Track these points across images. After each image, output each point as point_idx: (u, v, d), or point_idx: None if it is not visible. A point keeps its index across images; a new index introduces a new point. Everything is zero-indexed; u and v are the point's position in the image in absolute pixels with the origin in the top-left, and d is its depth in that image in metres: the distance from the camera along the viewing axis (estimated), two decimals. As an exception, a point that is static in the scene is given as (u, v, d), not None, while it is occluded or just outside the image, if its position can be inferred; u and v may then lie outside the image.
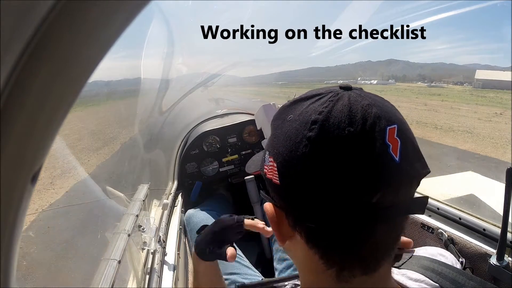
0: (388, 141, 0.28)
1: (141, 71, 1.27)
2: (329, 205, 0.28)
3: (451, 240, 0.84)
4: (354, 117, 0.28)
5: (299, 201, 0.30)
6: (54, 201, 2.57)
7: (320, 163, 0.28)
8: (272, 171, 0.33)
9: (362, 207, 0.28)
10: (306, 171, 0.29)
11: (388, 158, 0.28)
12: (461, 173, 4.43)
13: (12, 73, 0.15)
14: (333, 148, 0.28)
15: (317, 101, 0.31)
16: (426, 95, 19.43)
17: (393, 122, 0.29)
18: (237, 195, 1.65)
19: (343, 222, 0.29)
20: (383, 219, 0.29)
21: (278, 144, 0.32)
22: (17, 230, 0.18)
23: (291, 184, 0.30)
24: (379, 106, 0.30)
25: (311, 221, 0.30)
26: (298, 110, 0.32)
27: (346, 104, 0.29)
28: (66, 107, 0.18)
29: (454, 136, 8.79)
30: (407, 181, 0.30)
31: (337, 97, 0.31)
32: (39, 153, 0.18)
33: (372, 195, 0.28)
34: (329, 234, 0.30)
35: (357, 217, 0.28)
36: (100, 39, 0.17)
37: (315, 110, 0.30)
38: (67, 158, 1.22)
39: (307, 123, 0.30)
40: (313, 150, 0.29)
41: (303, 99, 0.33)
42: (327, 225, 0.30)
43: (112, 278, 0.55)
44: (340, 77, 24.13)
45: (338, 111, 0.29)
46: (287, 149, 0.30)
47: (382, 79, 31.75)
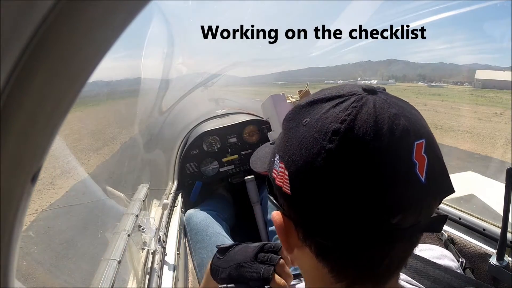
0: (415, 159, 0.26)
1: (141, 71, 1.27)
2: (345, 223, 0.26)
3: (451, 240, 0.84)
4: (380, 129, 0.25)
5: (312, 215, 0.28)
6: (54, 201, 2.57)
7: (338, 179, 0.26)
8: (282, 179, 0.30)
9: (381, 228, 0.26)
10: (322, 186, 0.26)
11: (413, 178, 0.25)
12: (461, 173, 4.43)
13: (12, 73, 0.15)
14: (355, 163, 0.25)
15: (338, 105, 0.28)
16: (426, 95, 19.41)
17: (421, 136, 0.27)
18: (237, 195, 1.65)
19: (359, 241, 0.27)
20: (402, 238, 0.28)
21: (292, 150, 0.29)
22: (17, 230, 0.18)
23: (305, 196, 0.28)
24: (407, 116, 0.27)
25: (325, 237, 0.28)
26: (316, 113, 0.29)
27: (371, 113, 0.26)
28: (66, 107, 0.18)
29: (454, 136, 8.78)
30: (431, 202, 0.28)
31: (361, 102, 0.27)
32: (39, 153, 0.18)
33: (393, 216, 0.26)
34: (343, 251, 0.28)
35: (374, 237, 0.26)
36: (100, 39, 0.17)
37: (336, 117, 0.27)
38: (67, 158, 1.22)
39: (327, 132, 0.26)
40: (332, 164, 0.26)
41: (321, 100, 0.30)
42: (340, 242, 0.28)
43: (112, 278, 0.55)
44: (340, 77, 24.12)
45: (362, 120, 0.26)
46: (302, 158, 0.28)
47: (382, 79, 31.74)
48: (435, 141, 0.29)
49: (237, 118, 1.66)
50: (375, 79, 29.27)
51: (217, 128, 1.57)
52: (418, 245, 0.31)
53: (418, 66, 37.28)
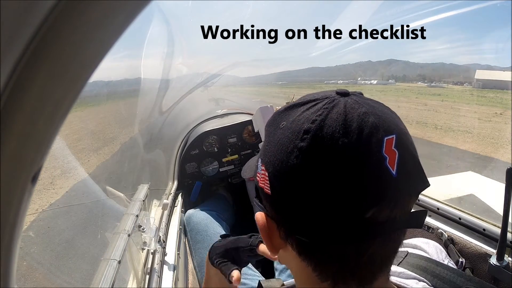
0: (385, 153, 0.27)
1: (141, 71, 1.27)
2: (321, 219, 0.27)
3: (451, 240, 0.84)
4: (349, 126, 0.27)
5: (290, 213, 0.29)
6: (54, 201, 2.57)
7: (311, 175, 0.27)
8: (264, 180, 0.31)
9: (356, 222, 0.27)
10: (297, 183, 0.28)
11: (384, 171, 0.26)
12: (461, 173, 4.43)
13: (12, 73, 0.15)
14: (326, 160, 0.26)
15: (311, 108, 0.30)
16: (426, 95, 19.42)
17: (391, 132, 0.28)
18: (237, 195, 1.65)
19: (336, 237, 0.27)
20: (378, 234, 0.28)
21: (270, 152, 0.31)
22: (17, 230, 0.18)
23: (282, 195, 0.29)
24: (377, 115, 0.28)
25: (303, 234, 0.29)
26: (291, 117, 0.31)
27: (341, 112, 0.28)
28: (66, 107, 0.18)
29: (454, 136, 8.78)
30: (405, 196, 0.28)
31: (332, 104, 0.29)
32: (39, 153, 0.18)
33: (366, 210, 0.26)
34: (322, 248, 0.29)
35: (350, 231, 0.27)
36: (100, 39, 0.17)
37: (308, 118, 0.29)
38: (67, 158, 1.22)
39: (299, 132, 0.28)
40: (304, 162, 0.27)
41: (297, 105, 0.31)
42: (319, 238, 0.28)
43: (112, 278, 0.55)
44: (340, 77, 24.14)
45: (332, 119, 0.27)
46: (278, 158, 0.29)
47: (382, 79, 31.72)
48: (409, 137, 0.30)
49: (237, 118, 1.66)
50: (375, 79, 29.24)
51: (217, 128, 1.57)
52: (402, 243, 0.31)
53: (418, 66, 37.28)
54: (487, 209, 1.75)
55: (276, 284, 0.56)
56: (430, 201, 0.99)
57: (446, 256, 0.53)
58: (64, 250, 1.84)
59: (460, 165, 5.48)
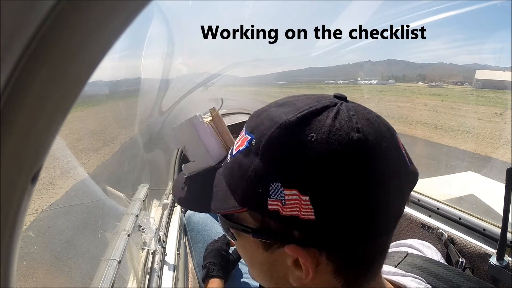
0: (402, 150, 0.31)
1: (141, 71, 1.27)
2: (372, 222, 0.28)
3: (451, 240, 0.84)
4: (381, 130, 0.30)
5: (343, 229, 0.27)
6: (54, 201, 2.57)
7: (372, 182, 0.27)
8: (297, 206, 0.27)
9: (393, 217, 0.30)
10: (358, 194, 0.26)
11: (405, 165, 0.31)
12: (461, 173, 4.42)
13: (12, 73, 0.15)
14: (380, 163, 0.28)
15: (337, 115, 0.28)
16: (426, 95, 19.42)
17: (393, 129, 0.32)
18: None
19: (374, 236, 0.29)
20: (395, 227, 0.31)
21: (305, 173, 0.27)
22: (17, 230, 0.18)
23: (335, 215, 0.27)
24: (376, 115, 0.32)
25: (351, 248, 0.29)
26: (321, 127, 0.28)
27: (365, 118, 0.30)
28: (66, 107, 0.18)
29: (454, 136, 8.78)
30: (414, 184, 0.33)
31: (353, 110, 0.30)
32: (39, 153, 0.18)
33: (403, 205, 0.30)
34: (361, 255, 0.30)
35: (388, 226, 0.30)
36: (100, 39, 0.17)
37: (349, 127, 0.27)
38: (67, 158, 1.22)
39: (350, 143, 0.27)
40: (364, 171, 0.27)
41: (312, 114, 0.29)
42: (362, 244, 0.29)
43: (112, 278, 0.55)
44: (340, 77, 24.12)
45: (366, 126, 0.29)
46: (326, 177, 0.26)
47: (382, 79, 31.72)
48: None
49: (237, 118, 1.66)
50: (375, 79, 29.22)
51: None
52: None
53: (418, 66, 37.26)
54: (487, 209, 1.75)
55: None
56: (430, 201, 0.99)
57: (441, 257, 0.54)
58: (64, 250, 1.84)
59: (460, 165, 5.48)
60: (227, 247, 0.95)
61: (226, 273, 0.89)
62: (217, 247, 0.94)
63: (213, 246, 0.95)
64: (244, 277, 0.97)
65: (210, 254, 0.92)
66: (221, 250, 0.92)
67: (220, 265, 0.88)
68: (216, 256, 0.90)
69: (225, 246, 0.94)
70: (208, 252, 0.93)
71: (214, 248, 0.93)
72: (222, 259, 0.90)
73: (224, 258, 0.91)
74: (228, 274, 0.90)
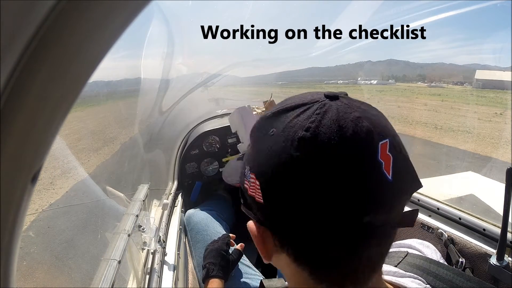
0: (380, 159, 0.26)
1: (141, 71, 1.27)
2: (318, 226, 0.27)
3: (451, 240, 0.84)
4: (345, 133, 0.26)
5: (286, 220, 0.29)
6: (54, 201, 2.57)
7: (308, 184, 0.26)
8: (254, 189, 0.30)
9: (354, 228, 0.27)
10: (293, 192, 0.27)
11: (380, 177, 0.26)
12: (461, 173, 4.42)
13: (12, 73, 0.15)
14: (322, 168, 0.26)
15: (302, 113, 0.29)
16: (426, 95, 19.42)
17: (385, 136, 0.28)
18: (237, 196, 1.65)
19: (333, 241, 0.27)
20: (374, 236, 0.28)
21: (261, 161, 0.30)
22: (17, 230, 0.18)
23: (277, 204, 0.29)
24: (370, 119, 0.28)
25: (299, 241, 0.29)
26: (282, 123, 0.29)
27: (334, 119, 0.27)
28: (66, 107, 0.18)
29: (454, 136, 8.78)
30: (400, 199, 0.29)
31: (324, 108, 0.28)
32: (39, 153, 0.18)
33: (364, 216, 0.26)
34: (318, 252, 0.29)
35: (347, 236, 0.27)
36: (100, 39, 0.17)
37: (301, 125, 0.28)
38: (67, 158, 1.22)
39: (293, 140, 0.27)
40: (300, 171, 0.26)
41: (286, 110, 0.30)
42: (316, 244, 0.28)
43: (112, 278, 0.55)
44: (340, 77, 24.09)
45: (326, 126, 0.27)
46: (271, 168, 0.28)
47: (382, 79, 31.70)
48: (399, 139, 0.30)
49: None
50: (375, 79, 29.21)
51: (217, 128, 1.57)
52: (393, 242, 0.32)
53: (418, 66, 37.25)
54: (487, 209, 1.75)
55: (278, 284, 0.56)
56: (430, 201, 0.99)
57: (441, 257, 0.54)
58: (64, 250, 1.84)
59: (460, 165, 5.48)
60: (227, 247, 0.95)
61: (226, 273, 0.89)
62: (217, 247, 0.94)
63: (213, 246, 0.95)
64: (244, 277, 0.97)
65: (210, 254, 0.92)
66: (221, 250, 0.93)
67: (220, 265, 0.88)
68: (216, 256, 0.91)
69: (225, 246, 0.94)
70: (208, 252, 0.93)
71: (214, 248, 0.94)
72: (222, 259, 0.90)
73: (224, 258, 0.91)
74: (228, 274, 0.91)
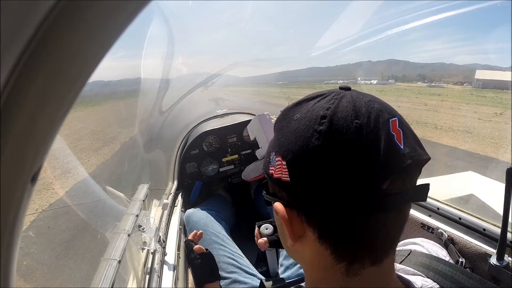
0: (392, 131, 0.30)
1: (141, 71, 1.27)
2: (342, 196, 0.29)
3: (451, 240, 0.84)
4: (359, 111, 0.31)
5: (312, 195, 0.31)
6: (54, 201, 2.57)
7: (332, 155, 0.29)
8: (280, 170, 0.33)
9: (375, 194, 0.29)
10: (318, 164, 0.30)
11: (394, 146, 0.30)
12: (461, 173, 4.42)
13: (12, 73, 0.15)
14: (344, 139, 0.29)
15: (322, 100, 0.33)
16: (426, 95, 19.42)
17: (394, 115, 0.32)
18: (237, 195, 1.65)
19: (357, 212, 0.30)
20: (393, 206, 0.31)
21: (287, 142, 0.33)
22: (17, 230, 0.18)
23: (303, 179, 0.31)
24: (379, 102, 0.33)
25: (325, 214, 0.31)
26: (304, 109, 0.34)
27: (350, 101, 0.32)
28: (66, 107, 0.18)
29: (454, 136, 8.78)
30: (412, 167, 0.31)
31: (340, 95, 0.33)
32: (39, 153, 0.18)
33: (382, 182, 0.29)
34: (343, 225, 0.31)
35: (369, 205, 0.29)
36: (100, 39, 0.17)
37: (322, 107, 0.32)
38: (67, 158, 1.22)
39: (317, 118, 0.31)
40: (325, 142, 0.30)
41: (306, 100, 0.35)
42: (340, 216, 0.30)
43: (112, 278, 0.55)
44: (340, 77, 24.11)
45: (343, 106, 0.31)
46: (297, 145, 0.31)
47: (382, 79, 31.70)
48: (406, 121, 0.34)
49: (237, 118, 1.66)
50: (375, 79, 29.20)
51: (217, 128, 1.57)
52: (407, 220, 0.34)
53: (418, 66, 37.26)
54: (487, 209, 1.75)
55: (278, 284, 0.57)
56: (430, 201, 0.99)
57: (447, 255, 0.55)
58: (64, 250, 1.84)
59: (460, 165, 5.48)
60: (194, 254, 0.97)
61: (210, 276, 0.93)
62: (189, 259, 0.97)
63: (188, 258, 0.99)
64: (244, 277, 0.97)
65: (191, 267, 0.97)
66: (193, 260, 0.95)
67: (197, 274, 0.93)
68: (193, 269, 0.95)
69: (192, 255, 0.97)
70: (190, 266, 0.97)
71: (188, 261, 0.98)
72: (197, 268, 0.94)
73: (197, 266, 0.94)
74: (211, 273, 0.94)
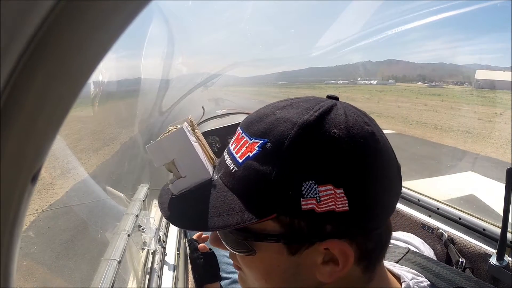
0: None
1: (141, 71, 1.27)
2: (390, 203, 0.33)
3: (451, 240, 0.84)
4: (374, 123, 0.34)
5: (371, 211, 0.30)
6: (54, 201, 2.57)
7: (386, 168, 0.32)
8: (333, 200, 0.28)
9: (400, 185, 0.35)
10: (380, 181, 0.31)
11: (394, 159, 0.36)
12: (461, 173, 4.43)
13: (12, 73, 0.15)
14: (387, 152, 0.32)
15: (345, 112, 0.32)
16: (426, 95, 19.42)
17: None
18: None
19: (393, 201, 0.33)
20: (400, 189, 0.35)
21: (338, 165, 0.28)
22: (17, 230, 0.18)
23: (367, 201, 0.29)
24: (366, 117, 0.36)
25: (378, 229, 0.32)
26: (338, 125, 0.29)
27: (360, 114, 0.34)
28: (66, 107, 0.18)
29: (454, 136, 8.77)
30: None
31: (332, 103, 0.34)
32: (39, 153, 0.18)
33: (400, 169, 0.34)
34: (380, 237, 0.33)
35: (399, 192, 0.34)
36: (100, 39, 0.17)
37: (359, 121, 0.31)
38: (67, 158, 1.22)
39: (367, 136, 0.30)
40: (381, 160, 0.31)
41: (326, 113, 0.30)
42: (383, 212, 0.32)
43: (112, 278, 0.55)
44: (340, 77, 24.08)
45: (370, 119, 0.34)
46: (357, 166, 0.29)
47: (382, 79, 31.71)
48: None
49: (237, 118, 1.66)
50: (375, 79, 29.19)
51: (217, 128, 1.57)
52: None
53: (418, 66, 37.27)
54: (487, 209, 1.75)
55: None
56: (430, 201, 0.99)
57: (430, 249, 0.61)
58: (64, 250, 1.84)
59: (460, 165, 5.48)
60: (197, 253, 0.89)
61: (212, 277, 0.87)
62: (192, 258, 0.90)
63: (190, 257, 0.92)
64: None
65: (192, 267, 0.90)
66: (196, 260, 0.88)
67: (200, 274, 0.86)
68: (194, 269, 0.88)
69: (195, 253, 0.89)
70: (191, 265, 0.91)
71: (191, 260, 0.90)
72: (198, 268, 0.87)
73: (200, 266, 0.88)
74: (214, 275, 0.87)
